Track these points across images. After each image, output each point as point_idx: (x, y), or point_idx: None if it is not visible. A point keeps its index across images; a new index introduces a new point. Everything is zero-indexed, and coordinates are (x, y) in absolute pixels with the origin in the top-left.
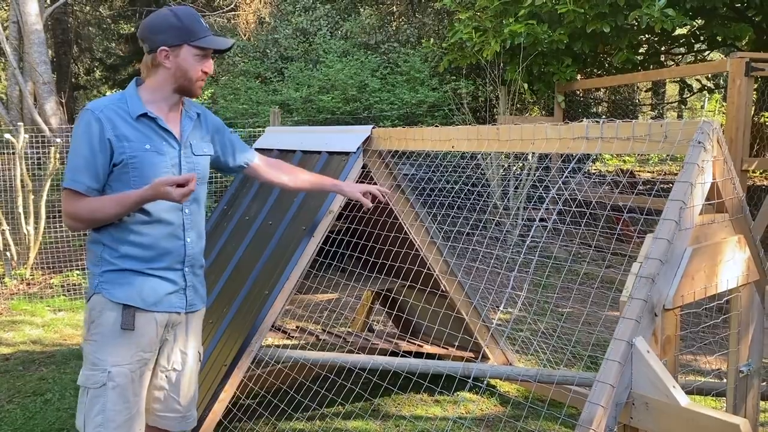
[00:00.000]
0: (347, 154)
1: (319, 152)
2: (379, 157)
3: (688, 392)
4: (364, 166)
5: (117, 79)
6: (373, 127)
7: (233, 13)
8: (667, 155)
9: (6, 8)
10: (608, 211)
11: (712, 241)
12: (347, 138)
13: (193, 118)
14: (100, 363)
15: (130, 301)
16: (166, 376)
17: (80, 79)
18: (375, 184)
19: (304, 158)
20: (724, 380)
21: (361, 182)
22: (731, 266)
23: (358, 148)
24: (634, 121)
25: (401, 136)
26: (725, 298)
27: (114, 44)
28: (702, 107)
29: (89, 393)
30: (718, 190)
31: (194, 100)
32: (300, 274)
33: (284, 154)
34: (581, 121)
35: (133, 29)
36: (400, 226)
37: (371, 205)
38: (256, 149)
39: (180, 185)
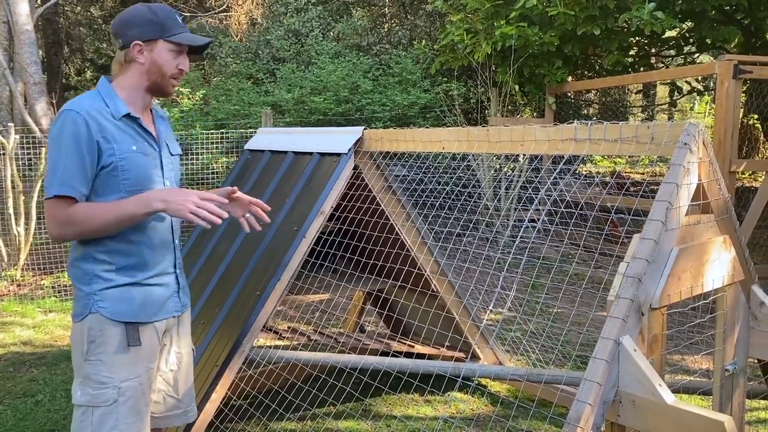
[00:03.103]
0: (339, 155)
1: (310, 153)
2: (371, 158)
3: (675, 391)
4: (355, 167)
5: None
6: (364, 129)
7: (225, 14)
8: (658, 157)
9: None
10: (596, 211)
11: (698, 241)
12: (339, 139)
13: (164, 118)
14: (110, 381)
15: (134, 317)
16: (163, 378)
17: (71, 80)
18: (366, 185)
19: (296, 159)
20: (712, 379)
21: (353, 183)
22: (717, 266)
23: (350, 150)
24: (621, 123)
25: (392, 138)
26: (711, 298)
27: (105, 45)
28: (691, 109)
29: (97, 411)
30: (704, 191)
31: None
32: (291, 275)
33: (276, 155)
34: (571, 122)
35: None
36: (391, 227)
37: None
38: (248, 150)
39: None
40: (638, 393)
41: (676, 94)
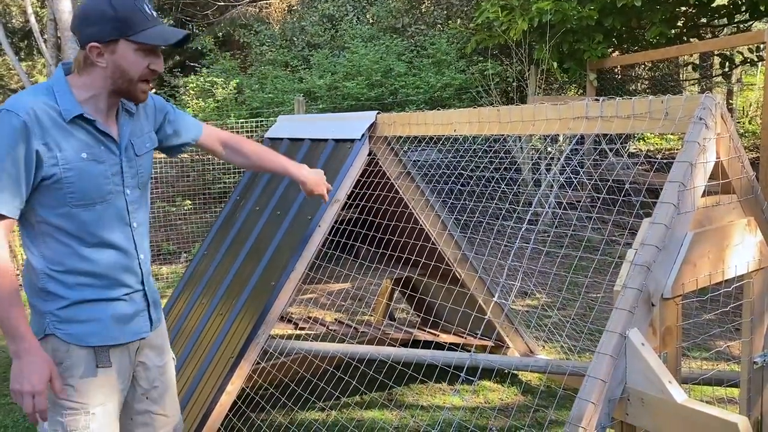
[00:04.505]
0: (352, 141)
1: (326, 140)
2: (385, 143)
3: (706, 382)
4: (369, 153)
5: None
6: (378, 113)
7: (265, 1)
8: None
9: (42, 7)
10: (643, 193)
11: (718, 224)
12: (352, 125)
13: (132, 111)
14: (82, 407)
15: (98, 341)
16: (147, 398)
17: None
18: (381, 171)
19: (313, 146)
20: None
21: (366, 170)
22: (740, 251)
23: (363, 135)
24: (634, 98)
25: (405, 121)
26: (734, 285)
27: None
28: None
29: None
30: (724, 170)
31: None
32: (306, 264)
33: (294, 143)
34: (612, 98)
35: (171, 22)
36: (410, 214)
37: (320, 192)
38: (268, 138)
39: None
40: (647, 390)
41: (727, 65)
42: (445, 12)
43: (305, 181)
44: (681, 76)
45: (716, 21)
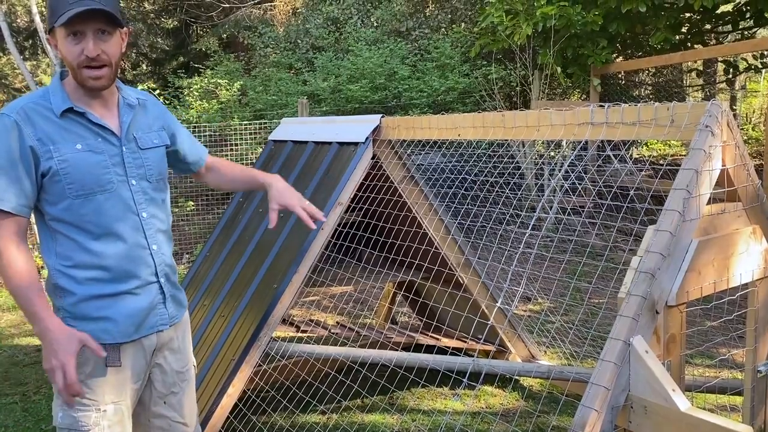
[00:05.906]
0: (356, 144)
1: (330, 143)
2: (389, 146)
3: (710, 390)
4: (373, 157)
5: (161, 72)
6: (382, 116)
7: (270, 3)
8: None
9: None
10: (648, 200)
11: (723, 232)
12: (356, 128)
13: (133, 105)
14: (93, 404)
15: (110, 339)
16: (164, 402)
17: (127, 74)
18: (384, 174)
19: (316, 149)
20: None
21: (370, 173)
22: (745, 259)
23: (367, 138)
24: (639, 104)
25: (409, 125)
26: (739, 294)
27: (159, 39)
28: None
29: None
30: (729, 178)
31: (126, 85)
32: (309, 267)
33: (298, 146)
34: (618, 104)
35: (176, 23)
36: (413, 218)
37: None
38: (272, 141)
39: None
40: (650, 398)
41: (731, 72)
42: (450, 16)
43: (271, 185)
44: (685, 82)
45: (721, 27)
